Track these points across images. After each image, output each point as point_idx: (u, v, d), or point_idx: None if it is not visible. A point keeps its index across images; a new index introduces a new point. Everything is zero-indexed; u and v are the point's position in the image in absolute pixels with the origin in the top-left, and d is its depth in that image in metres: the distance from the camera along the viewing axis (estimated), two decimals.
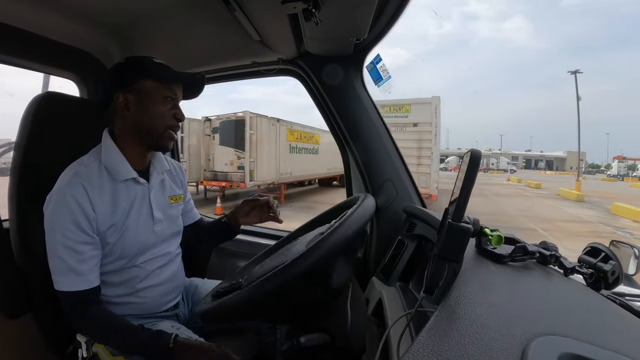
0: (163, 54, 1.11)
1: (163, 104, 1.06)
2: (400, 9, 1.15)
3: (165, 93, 1.06)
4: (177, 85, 1.09)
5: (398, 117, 9.35)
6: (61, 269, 0.95)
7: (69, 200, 0.95)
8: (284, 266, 0.74)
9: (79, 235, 0.95)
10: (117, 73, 1.07)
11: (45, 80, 2.10)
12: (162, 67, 1.07)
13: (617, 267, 0.74)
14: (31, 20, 1.26)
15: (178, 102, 1.11)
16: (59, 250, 0.95)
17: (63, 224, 0.95)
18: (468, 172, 0.60)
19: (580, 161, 75.70)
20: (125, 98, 1.04)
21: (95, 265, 1.00)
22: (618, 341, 0.51)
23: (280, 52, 1.48)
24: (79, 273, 0.96)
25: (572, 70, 26.45)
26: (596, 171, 68.43)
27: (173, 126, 1.09)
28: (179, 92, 1.11)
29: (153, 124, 1.06)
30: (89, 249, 0.98)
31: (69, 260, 0.95)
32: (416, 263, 1.24)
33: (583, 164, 72.86)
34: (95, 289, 0.99)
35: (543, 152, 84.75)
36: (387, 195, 1.49)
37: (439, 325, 0.50)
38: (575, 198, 16.68)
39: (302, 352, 0.86)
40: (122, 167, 1.06)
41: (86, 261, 0.97)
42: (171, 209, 1.19)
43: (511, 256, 0.78)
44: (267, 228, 2.01)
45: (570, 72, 26.31)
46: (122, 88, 1.04)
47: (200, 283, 1.36)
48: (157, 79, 1.05)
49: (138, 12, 1.30)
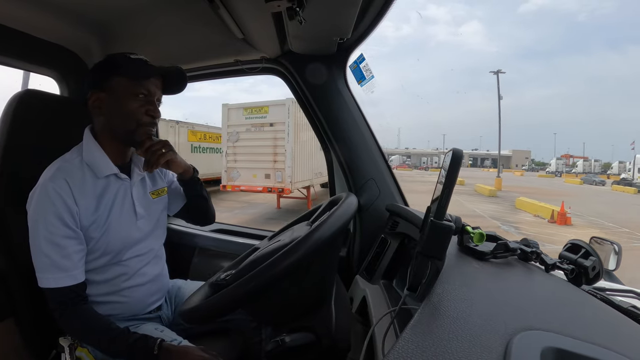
0: (145, 51, 1.09)
1: (134, 101, 1.04)
2: (384, 10, 1.16)
3: (136, 90, 1.04)
4: (151, 81, 1.07)
5: (258, 118, 9.91)
6: (45, 265, 0.94)
7: (51, 194, 0.94)
8: (265, 265, 0.74)
9: (62, 230, 0.95)
10: (91, 72, 1.07)
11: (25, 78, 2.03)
12: (135, 63, 1.05)
13: (598, 262, 0.76)
14: (10, 15, 1.22)
15: (153, 98, 1.08)
16: (43, 246, 0.94)
17: (46, 219, 0.94)
18: (449, 171, 0.60)
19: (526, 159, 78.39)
20: (98, 97, 1.03)
21: (79, 260, 0.99)
22: (599, 334, 0.52)
23: (264, 51, 1.47)
24: (63, 269, 0.95)
25: (495, 71, 26.85)
26: (540, 168, 71.11)
27: (146, 123, 1.06)
28: (155, 88, 1.08)
29: (125, 121, 1.04)
30: (72, 244, 0.97)
31: (53, 255, 0.94)
32: (399, 261, 1.25)
33: (528, 161, 75.78)
34: (81, 284, 0.98)
35: (489, 150, 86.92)
36: (370, 194, 1.50)
37: (423, 321, 0.51)
38: (487, 194, 17.85)
39: (287, 351, 0.86)
40: (103, 163, 1.05)
41: (70, 256, 0.96)
42: (153, 204, 1.19)
43: (493, 253, 0.79)
44: (251, 228, 2.00)
45: (493, 72, 26.73)
46: (94, 87, 1.03)
47: (183, 284, 1.35)
48: (127, 75, 1.03)
49: (120, 9, 1.27)
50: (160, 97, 1.11)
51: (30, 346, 1.18)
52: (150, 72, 1.06)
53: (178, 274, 1.43)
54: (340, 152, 1.51)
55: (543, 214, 11.47)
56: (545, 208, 11.60)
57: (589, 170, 44.80)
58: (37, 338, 1.17)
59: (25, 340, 1.17)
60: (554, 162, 60.87)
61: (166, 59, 1.60)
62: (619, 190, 25.70)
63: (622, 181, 27.70)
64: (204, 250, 1.84)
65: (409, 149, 76.65)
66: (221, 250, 1.80)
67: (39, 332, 1.14)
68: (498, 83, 25.90)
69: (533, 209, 12.32)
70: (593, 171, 45.11)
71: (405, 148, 77.68)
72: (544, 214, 11.40)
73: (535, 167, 71.83)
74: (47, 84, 1.58)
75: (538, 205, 12.15)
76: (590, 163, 48.17)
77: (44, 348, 1.15)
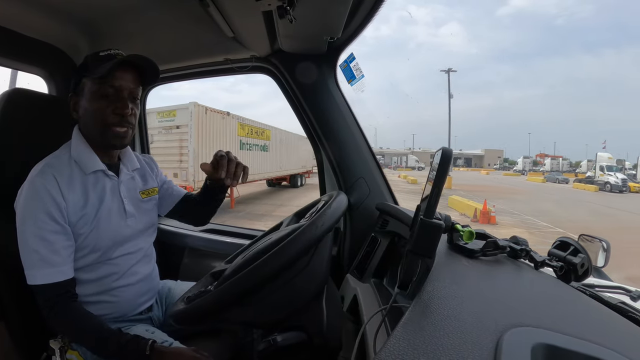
0: (134, 50, 1.07)
1: (100, 101, 1.00)
2: (374, 9, 1.16)
3: (102, 90, 1.00)
4: (117, 75, 1.00)
5: (168, 121, 10.32)
6: (34, 262, 0.94)
7: (39, 189, 0.94)
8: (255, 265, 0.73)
9: (50, 225, 0.94)
10: (73, 74, 1.07)
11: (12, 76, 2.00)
12: (101, 61, 1.00)
13: (587, 259, 0.77)
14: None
15: (124, 94, 1.02)
16: (31, 242, 0.93)
17: (34, 214, 0.93)
18: (439, 170, 0.61)
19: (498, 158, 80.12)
20: (74, 101, 1.04)
21: (68, 256, 0.98)
22: (589, 330, 0.53)
23: (254, 50, 1.47)
24: (52, 264, 0.94)
25: (446, 69, 26.94)
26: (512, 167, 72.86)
27: (114, 123, 1.02)
28: (125, 82, 1.02)
29: (93, 124, 1.03)
30: (61, 239, 0.96)
31: (42, 251, 0.93)
32: (390, 259, 1.25)
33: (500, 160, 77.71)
34: (70, 280, 0.97)
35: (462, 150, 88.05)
36: (360, 192, 1.50)
37: (414, 319, 0.51)
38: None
39: (279, 351, 0.86)
40: (91, 159, 1.05)
41: (59, 251, 0.95)
42: (143, 203, 1.19)
43: (482, 251, 0.80)
44: (242, 228, 1.99)
45: (444, 70, 26.84)
46: (73, 90, 1.04)
47: (173, 285, 1.34)
48: (92, 76, 0.99)
49: (110, 7, 1.26)
50: (134, 90, 1.05)
51: (20, 349, 1.16)
52: (111, 67, 0.97)
53: (168, 274, 1.42)
54: (331, 151, 1.51)
55: (469, 212, 11.38)
56: (470, 206, 11.52)
57: (557, 169, 45.71)
58: (27, 341, 1.15)
59: (15, 343, 1.15)
60: (521, 160, 62.60)
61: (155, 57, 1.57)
62: (580, 188, 25.69)
63: (586, 179, 28.03)
64: (195, 250, 1.83)
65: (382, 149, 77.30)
66: (212, 251, 1.79)
67: (29, 335, 1.13)
68: (449, 81, 25.98)
69: (461, 208, 12.28)
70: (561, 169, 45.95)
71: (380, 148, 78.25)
72: (469, 212, 11.32)
73: (507, 166, 73.44)
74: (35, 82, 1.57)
75: (465, 204, 12.10)
76: (558, 162, 49.19)
77: (35, 351, 1.13)
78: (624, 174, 27.95)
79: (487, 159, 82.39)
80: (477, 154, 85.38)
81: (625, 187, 23.86)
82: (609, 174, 24.95)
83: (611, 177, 24.51)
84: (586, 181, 27.52)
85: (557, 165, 47.63)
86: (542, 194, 20.75)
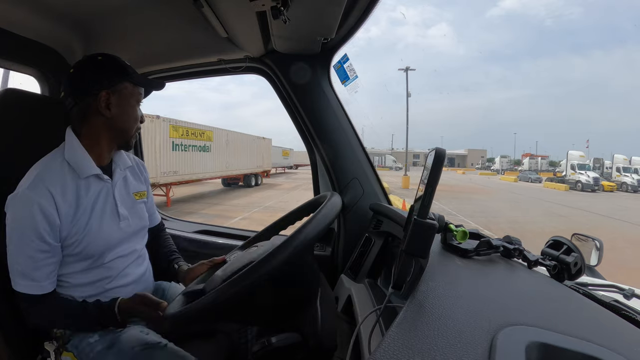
0: (127, 49, 1.07)
1: (136, 107, 1.10)
2: (368, 10, 1.16)
3: (138, 97, 1.10)
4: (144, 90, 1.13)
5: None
6: (17, 272, 0.95)
7: (34, 209, 0.92)
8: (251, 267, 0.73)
9: (37, 244, 0.94)
10: (99, 71, 1.04)
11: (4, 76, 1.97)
12: (134, 71, 1.09)
13: (580, 258, 0.77)
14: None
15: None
16: (15, 254, 0.94)
17: (22, 231, 0.93)
18: (432, 170, 0.61)
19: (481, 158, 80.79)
20: (108, 97, 1.03)
21: (51, 272, 0.98)
22: (583, 328, 0.53)
23: (247, 50, 1.47)
24: (33, 279, 0.95)
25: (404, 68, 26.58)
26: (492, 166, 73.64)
27: (139, 127, 1.13)
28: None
29: (129, 125, 1.09)
30: (45, 257, 0.96)
31: (25, 267, 0.94)
32: (384, 260, 1.26)
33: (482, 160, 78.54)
34: (49, 294, 0.99)
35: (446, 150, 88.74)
36: (353, 193, 1.50)
37: (408, 319, 0.51)
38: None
39: (274, 352, 0.86)
40: (86, 163, 1.03)
41: (41, 268, 0.96)
42: (137, 204, 1.18)
43: (476, 250, 0.80)
44: (234, 229, 1.99)
45: (402, 69, 26.49)
46: (106, 87, 1.03)
47: (167, 287, 1.33)
48: (134, 82, 1.07)
49: (103, 7, 1.25)
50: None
51: (15, 352, 1.15)
52: (150, 83, 1.14)
53: (162, 276, 1.41)
54: (324, 151, 1.51)
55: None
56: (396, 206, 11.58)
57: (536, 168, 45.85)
58: (22, 343, 1.14)
59: (10, 346, 1.14)
60: (498, 160, 62.98)
61: (148, 57, 1.58)
62: (550, 187, 25.23)
63: (559, 178, 27.79)
64: (187, 251, 1.82)
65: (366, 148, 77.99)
66: (204, 252, 1.78)
67: (24, 338, 1.11)
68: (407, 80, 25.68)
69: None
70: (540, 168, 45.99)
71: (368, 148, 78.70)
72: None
73: (489, 166, 73.97)
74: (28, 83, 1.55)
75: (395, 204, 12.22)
76: (537, 161, 49.40)
77: (29, 353, 1.13)
78: (602, 173, 27.80)
79: (470, 158, 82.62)
80: (460, 154, 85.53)
81: (597, 186, 23.64)
82: (580, 173, 24.69)
83: (582, 176, 24.29)
84: (557, 180, 27.30)
85: (535, 164, 47.75)
86: (506, 193, 20.30)
